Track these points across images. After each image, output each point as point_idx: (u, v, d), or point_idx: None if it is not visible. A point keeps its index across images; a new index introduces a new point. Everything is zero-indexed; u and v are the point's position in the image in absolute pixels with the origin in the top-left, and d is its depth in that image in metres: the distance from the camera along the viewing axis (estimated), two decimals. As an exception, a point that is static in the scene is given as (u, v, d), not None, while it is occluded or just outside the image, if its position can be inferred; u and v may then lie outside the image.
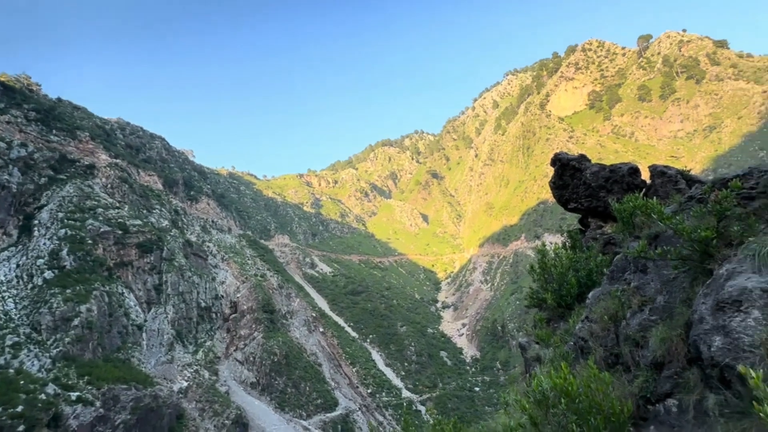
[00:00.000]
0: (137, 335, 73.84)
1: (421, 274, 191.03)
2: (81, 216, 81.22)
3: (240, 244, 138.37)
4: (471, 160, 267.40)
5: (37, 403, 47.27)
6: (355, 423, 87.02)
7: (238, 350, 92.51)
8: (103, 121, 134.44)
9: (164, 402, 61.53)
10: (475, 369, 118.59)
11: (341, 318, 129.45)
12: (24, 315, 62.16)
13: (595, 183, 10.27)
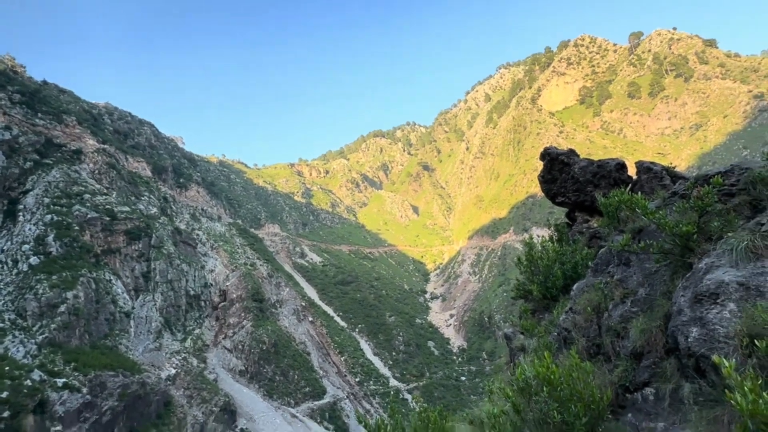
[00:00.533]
0: (125, 322, 73.26)
1: (410, 265, 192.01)
2: (68, 202, 79.81)
3: (230, 232, 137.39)
4: (462, 152, 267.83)
5: (22, 389, 46.82)
6: (343, 411, 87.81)
7: (226, 338, 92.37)
8: (90, 106, 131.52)
9: (152, 389, 61.40)
10: (462, 359, 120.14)
11: (330, 307, 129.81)
12: (9, 301, 61.20)
13: (583, 178, 10.38)
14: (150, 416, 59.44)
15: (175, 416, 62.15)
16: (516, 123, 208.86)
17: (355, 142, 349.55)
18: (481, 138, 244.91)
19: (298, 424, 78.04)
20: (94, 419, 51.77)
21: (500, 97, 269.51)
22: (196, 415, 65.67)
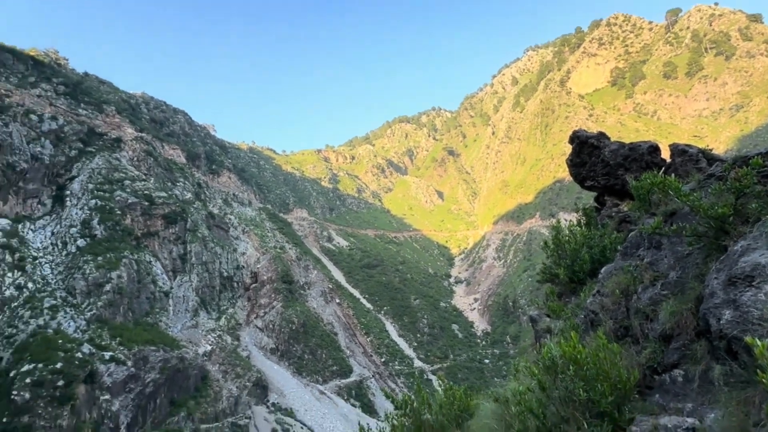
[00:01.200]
0: (164, 301, 76.71)
1: (435, 250, 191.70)
2: (110, 187, 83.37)
3: (260, 217, 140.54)
4: (488, 137, 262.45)
5: (74, 360, 50.06)
6: (369, 389, 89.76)
7: (258, 318, 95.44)
8: (128, 96, 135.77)
9: (190, 364, 64.37)
10: (486, 342, 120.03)
11: (357, 290, 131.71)
12: (60, 280, 65.07)
13: (613, 161, 10.08)
14: (189, 389, 62.48)
15: (211, 389, 65.11)
16: (544, 106, 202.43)
17: (381, 128, 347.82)
18: (508, 122, 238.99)
19: (326, 401, 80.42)
20: (138, 390, 54.93)
21: (527, 80, 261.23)
22: (230, 389, 68.60)
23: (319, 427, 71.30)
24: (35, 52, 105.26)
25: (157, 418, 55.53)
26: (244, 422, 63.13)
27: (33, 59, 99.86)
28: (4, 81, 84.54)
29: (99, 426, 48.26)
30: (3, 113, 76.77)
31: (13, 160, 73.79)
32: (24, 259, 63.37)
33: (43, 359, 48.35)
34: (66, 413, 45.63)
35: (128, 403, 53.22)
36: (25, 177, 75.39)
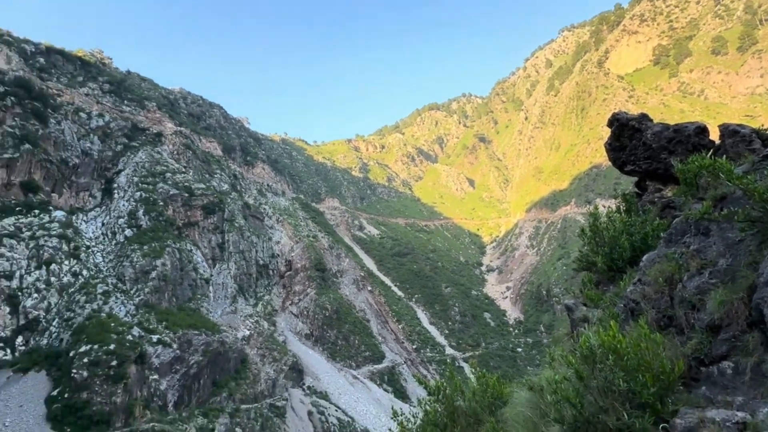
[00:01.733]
0: (205, 288, 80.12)
1: (466, 238, 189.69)
2: (153, 180, 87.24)
3: (293, 206, 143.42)
4: (520, 123, 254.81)
5: (125, 342, 53.32)
6: (401, 375, 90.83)
7: (293, 304, 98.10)
8: (167, 92, 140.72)
9: (230, 347, 67.14)
10: (518, 331, 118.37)
11: (388, 278, 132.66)
12: (110, 267, 69.13)
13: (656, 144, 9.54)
14: (229, 371, 65.30)
15: (250, 372, 67.78)
16: (580, 89, 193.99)
17: (410, 116, 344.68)
18: (541, 107, 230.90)
19: (359, 385, 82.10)
20: (183, 371, 57.94)
21: (562, 62, 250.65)
22: (268, 372, 71.18)
23: (352, 410, 73.01)
24: (82, 52, 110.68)
25: (201, 398, 58.47)
26: (282, 404, 65.47)
27: (80, 60, 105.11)
28: (56, 81, 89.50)
29: (149, 403, 51.38)
30: (56, 111, 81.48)
31: (66, 155, 78.47)
32: (78, 248, 67.63)
33: (98, 341, 51.77)
34: (119, 391, 48.85)
35: (174, 383, 56.26)
36: (77, 171, 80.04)
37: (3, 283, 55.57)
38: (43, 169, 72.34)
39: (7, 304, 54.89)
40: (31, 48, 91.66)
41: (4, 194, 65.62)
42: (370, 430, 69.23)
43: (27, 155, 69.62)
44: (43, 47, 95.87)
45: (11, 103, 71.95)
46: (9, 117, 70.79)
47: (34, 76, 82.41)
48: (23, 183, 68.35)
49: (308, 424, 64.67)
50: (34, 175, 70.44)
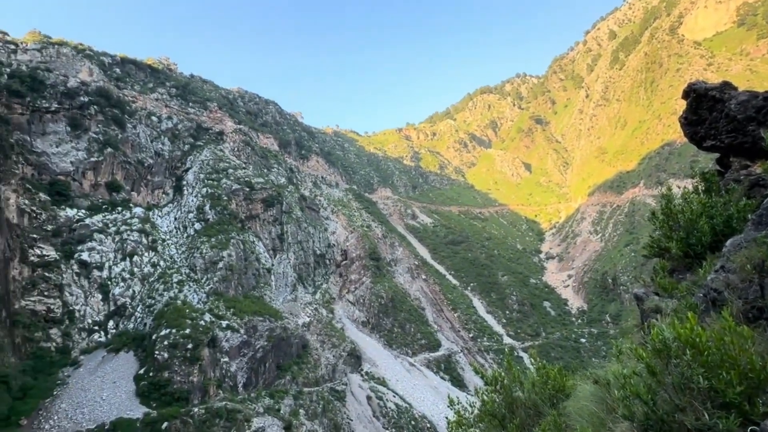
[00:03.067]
0: (267, 277, 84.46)
1: (523, 225, 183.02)
2: (217, 176, 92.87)
3: (347, 197, 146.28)
4: (581, 101, 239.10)
5: (199, 327, 57.78)
6: (458, 363, 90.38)
7: (349, 293, 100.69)
8: (226, 92, 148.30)
9: (292, 333, 70.46)
10: (582, 321, 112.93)
11: (442, 266, 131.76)
12: (183, 258, 74.92)
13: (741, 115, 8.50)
14: (292, 355, 68.67)
15: (311, 357, 70.82)
16: (649, 60, 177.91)
17: (462, 102, 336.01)
18: (604, 82, 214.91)
19: (415, 372, 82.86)
20: (250, 355, 61.80)
21: (629, 31, 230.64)
22: (328, 357, 73.95)
23: (410, 396, 73.95)
24: (152, 60, 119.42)
25: (267, 380, 62.10)
26: (342, 388, 67.84)
27: (150, 67, 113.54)
28: (130, 89, 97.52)
29: (221, 384, 55.49)
30: (132, 117, 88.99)
31: (141, 157, 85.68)
32: (156, 241, 73.97)
33: (176, 325, 56.58)
34: (196, 371, 53.20)
35: (243, 365, 60.21)
36: (152, 171, 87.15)
37: (95, 274, 62.29)
38: (124, 170, 79.58)
39: (99, 291, 61.54)
40: (109, 60, 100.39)
41: (93, 194, 73.11)
42: (428, 416, 69.81)
43: (110, 158, 76.94)
44: (118, 58, 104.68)
45: (95, 112, 79.61)
46: (93, 124, 78.43)
47: (112, 86, 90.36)
48: (107, 183, 75.73)
49: (367, 408, 66.50)
50: (116, 175, 77.75)
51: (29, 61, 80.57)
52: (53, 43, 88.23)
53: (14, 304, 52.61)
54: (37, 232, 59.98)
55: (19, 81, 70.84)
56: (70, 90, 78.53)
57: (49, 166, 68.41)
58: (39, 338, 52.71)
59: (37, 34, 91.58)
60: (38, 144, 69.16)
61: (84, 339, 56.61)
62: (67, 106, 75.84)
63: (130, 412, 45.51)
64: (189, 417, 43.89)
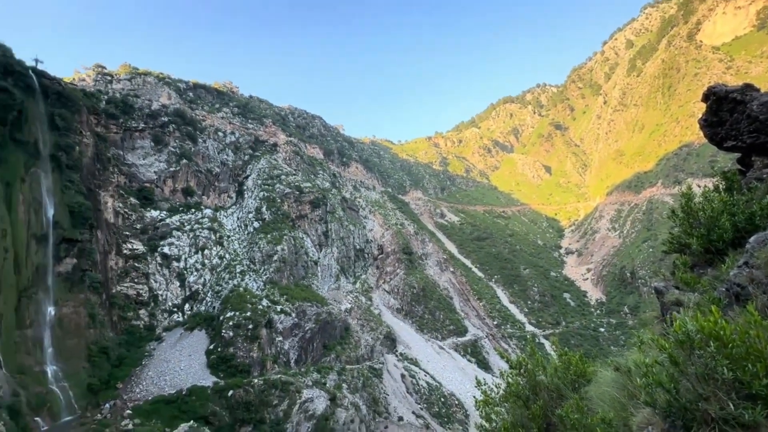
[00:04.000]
0: (314, 268, 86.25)
1: (543, 223, 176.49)
2: (272, 182, 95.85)
3: (382, 199, 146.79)
4: (599, 107, 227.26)
5: (258, 310, 59.90)
6: (483, 348, 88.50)
7: (385, 283, 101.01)
8: (279, 109, 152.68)
9: (336, 317, 71.58)
10: (600, 311, 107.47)
11: (468, 260, 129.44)
12: (244, 251, 77.90)
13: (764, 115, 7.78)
14: (336, 337, 69.77)
15: (352, 338, 71.66)
16: (666, 66, 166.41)
17: (486, 111, 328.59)
18: (622, 89, 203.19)
19: (444, 355, 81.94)
20: (300, 335, 63.37)
21: (646, 40, 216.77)
22: (367, 339, 74.55)
23: (440, 376, 73.23)
24: (218, 84, 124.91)
25: (315, 358, 63.46)
26: (379, 366, 68.20)
27: (216, 90, 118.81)
28: (201, 109, 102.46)
29: (277, 359, 57.26)
30: (202, 133, 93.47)
31: (210, 166, 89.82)
32: (222, 238, 77.37)
33: (239, 309, 58.95)
34: (255, 348, 55.20)
35: (294, 344, 61.85)
36: (218, 178, 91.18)
37: (174, 264, 65.99)
38: (196, 178, 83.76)
39: (177, 279, 65.15)
40: (183, 85, 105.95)
41: (171, 198, 77.46)
42: (456, 394, 68.85)
43: (185, 168, 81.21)
44: (191, 84, 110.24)
45: (173, 129, 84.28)
46: (172, 140, 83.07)
47: (186, 107, 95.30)
48: (183, 189, 79.98)
49: (401, 385, 66.47)
50: (190, 182, 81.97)
51: (122, 89, 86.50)
52: (140, 73, 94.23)
53: (112, 289, 56.73)
54: (129, 229, 64.34)
55: (114, 106, 76.22)
56: (153, 112, 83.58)
57: (138, 176, 73.17)
58: (131, 317, 56.57)
59: (128, 66, 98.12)
60: (129, 157, 74.12)
61: (165, 319, 60.18)
62: (151, 126, 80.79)
63: (203, 380, 47.89)
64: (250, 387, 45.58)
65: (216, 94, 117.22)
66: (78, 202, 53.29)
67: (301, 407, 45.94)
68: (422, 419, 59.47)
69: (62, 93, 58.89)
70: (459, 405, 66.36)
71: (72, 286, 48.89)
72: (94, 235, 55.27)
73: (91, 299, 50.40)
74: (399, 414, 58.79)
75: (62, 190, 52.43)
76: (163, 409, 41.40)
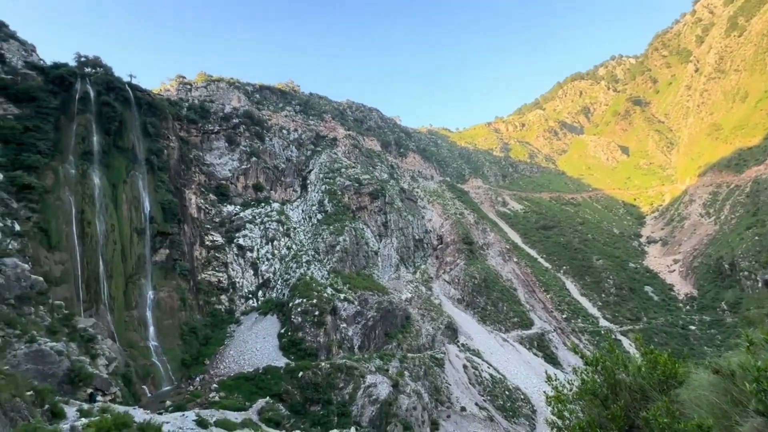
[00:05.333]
0: (374, 258, 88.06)
1: (620, 209, 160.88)
2: (332, 175, 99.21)
3: (441, 188, 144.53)
4: (688, 76, 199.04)
5: (323, 298, 62.89)
6: (551, 342, 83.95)
7: (445, 273, 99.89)
8: (337, 104, 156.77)
9: (397, 306, 72.59)
10: (691, 307, 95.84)
11: (533, 250, 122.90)
12: (309, 242, 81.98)
13: None
14: (397, 325, 70.85)
15: (413, 327, 72.23)
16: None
17: (551, 91, 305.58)
18: (718, 53, 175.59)
19: (508, 347, 79.18)
20: (363, 323, 65.37)
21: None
22: (427, 329, 74.67)
23: (503, 369, 71.03)
24: (281, 85, 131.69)
25: (377, 344, 65.15)
26: (440, 356, 68.02)
27: (280, 90, 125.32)
28: (266, 109, 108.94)
29: (341, 344, 59.83)
30: (268, 131, 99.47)
31: (276, 162, 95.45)
32: (289, 229, 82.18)
33: (306, 296, 62.42)
34: (321, 333, 58.20)
35: (357, 331, 64.02)
36: (284, 173, 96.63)
37: (248, 254, 71.69)
38: (264, 174, 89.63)
39: (251, 268, 70.77)
40: (251, 88, 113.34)
41: (244, 193, 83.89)
42: (521, 388, 66.33)
43: (254, 165, 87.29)
44: (257, 86, 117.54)
45: (243, 130, 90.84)
46: (242, 140, 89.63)
47: (254, 108, 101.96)
48: (254, 185, 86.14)
49: (463, 376, 65.69)
50: (259, 178, 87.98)
51: (199, 96, 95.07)
52: (214, 80, 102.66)
53: (197, 276, 63.38)
54: (209, 223, 71.12)
55: (193, 111, 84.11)
56: (226, 115, 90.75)
57: (215, 174, 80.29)
58: (214, 302, 62.83)
59: (204, 74, 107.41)
60: (207, 157, 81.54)
61: (243, 304, 65.87)
62: (224, 128, 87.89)
63: (276, 361, 51.76)
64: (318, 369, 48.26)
65: (279, 94, 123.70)
66: (168, 200, 60.12)
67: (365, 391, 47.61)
68: (485, 411, 58.31)
69: (152, 103, 66.37)
70: (525, 399, 63.88)
71: (166, 274, 55.55)
72: (181, 228, 62.06)
73: (181, 285, 56.86)
74: (461, 404, 58.26)
75: (155, 189, 59.46)
76: (243, 385, 45.57)
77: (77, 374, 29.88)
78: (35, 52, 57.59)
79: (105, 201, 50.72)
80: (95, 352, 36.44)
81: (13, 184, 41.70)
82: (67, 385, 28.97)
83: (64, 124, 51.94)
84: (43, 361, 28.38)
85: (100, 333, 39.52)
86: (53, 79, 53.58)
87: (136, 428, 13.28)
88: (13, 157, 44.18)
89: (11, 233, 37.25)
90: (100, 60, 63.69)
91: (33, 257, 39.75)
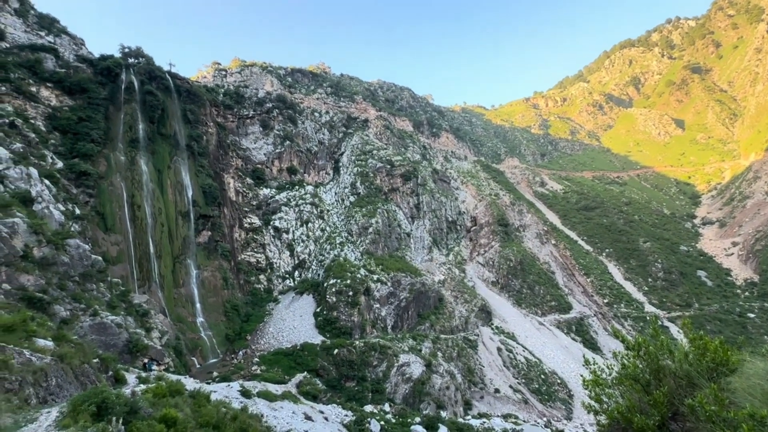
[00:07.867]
0: (407, 240, 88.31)
1: (672, 188, 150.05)
2: (364, 157, 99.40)
3: (475, 168, 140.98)
4: (759, 38, 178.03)
5: (357, 278, 64.28)
6: (590, 327, 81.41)
7: (479, 255, 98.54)
8: (368, 84, 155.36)
9: (429, 288, 72.88)
10: (750, 293, 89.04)
11: (573, 232, 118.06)
12: (342, 224, 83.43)
13: None
14: (430, 306, 71.33)
15: (446, 309, 72.44)
16: None
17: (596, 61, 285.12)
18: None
19: (545, 331, 77.68)
20: (396, 303, 66.37)
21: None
22: (461, 311, 74.61)
23: (539, 353, 69.98)
24: (312, 67, 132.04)
25: (410, 325, 66.12)
26: (474, 338, 68.01)
27: (312, 73, 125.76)
28: (298, 92, 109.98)
29: (375, 324, 61.29)
30: (301, 115, 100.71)
31: (309, 146, 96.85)
32: (323, 212, 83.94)
33: (340, 277, 64.08)
34: (356, 312, 59.80)
35: (391, 311, 65.18)
36: (317, 156, 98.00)
37: (284, 236, 74.22)
38: (298, 157, 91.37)
39: (287, 249, 73.34)
40: (283, 72, 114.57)
41: (278, 177, 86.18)
42: (558, 372, 65.22)
43: (288, 149, 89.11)
44: (289, 69, 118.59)
45: (276, 114, 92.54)
46: (276, 123, 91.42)
47: (286, 92, 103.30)
48: (288, 168, 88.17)
49: (497, 358, 65.47)
50: (293, 162, 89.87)
51: (234, 82, 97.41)
52: (247, 66, 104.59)
53: (238, 257, 66.66)
54: (247, 206, 74.02)
55: (229, 97, 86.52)
56: (260, 99, 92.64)
57: (251, 158, 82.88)
58: (253, 281, 66.03)
59: (238, 60, 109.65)
60: (243, 142, 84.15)
61: (280, 283, 68.76)
62: (258, 112, 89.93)
63: (312, 339, 54.03)
64: (352, 347, 49.88)
65: (311, 76, 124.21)
66: (208, 184, 63.03)
67: (398, 370, 48.78)
68: (520, 394, 58.08)
69: (190, 90, 68.93)
70: (562, 384, 62.85)
71: (209, 254, 58.86)
72: (221, 211, 65.11)
73: (223, 265, 60.13)
74: (495, 386, 58.33)
75: (196, 174, 62.45)
76: (282, 360, 48.10)
77: (135, 345, 32.80)
78: (84, 46, 61.16)
79: (152, 186, 54.03)
80: (149, 325, 39.69)
81: (71, 171, 45.32)
82: (127, 354, 31.93)
83: (112, 113, 55.31)
84: (105, 333, 31.36)
85: (153, 308, 42.90)
86: (101, 70, 56.86)
87: (187, 395, 14.51)
88: (70, 145, 47.84)
89: (72, 216, 40.75)
90: (142, 50, 66.64)
91: (92, 238, 43.41)
